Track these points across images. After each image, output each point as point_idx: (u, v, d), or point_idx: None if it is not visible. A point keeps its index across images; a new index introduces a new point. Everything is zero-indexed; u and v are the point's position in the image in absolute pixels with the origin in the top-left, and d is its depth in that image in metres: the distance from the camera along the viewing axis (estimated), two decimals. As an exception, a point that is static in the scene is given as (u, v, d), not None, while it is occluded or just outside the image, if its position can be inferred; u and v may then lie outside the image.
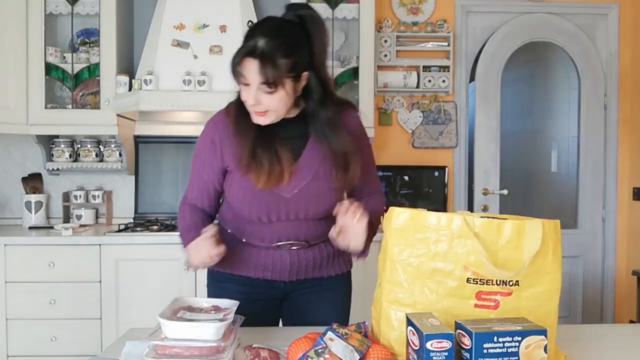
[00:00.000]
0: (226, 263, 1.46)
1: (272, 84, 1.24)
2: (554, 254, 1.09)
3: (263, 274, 1.45)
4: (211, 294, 1.52)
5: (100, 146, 3.19)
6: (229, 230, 1.49)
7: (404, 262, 1.10)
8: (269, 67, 1.23)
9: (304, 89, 1.34)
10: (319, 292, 1.50)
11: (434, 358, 0.93)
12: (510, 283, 1.06)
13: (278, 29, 1.27)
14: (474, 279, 1.06)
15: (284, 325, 1.56)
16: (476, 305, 1.07)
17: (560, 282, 1.10)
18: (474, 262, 1.06)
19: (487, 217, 1.08)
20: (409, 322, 1.00)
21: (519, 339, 0.95)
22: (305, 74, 1.30)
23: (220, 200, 1.53)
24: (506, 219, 1.08)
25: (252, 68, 1.24)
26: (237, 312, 1.20)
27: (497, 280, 1.06)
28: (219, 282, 1.50)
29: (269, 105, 1.28)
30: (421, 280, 1.09)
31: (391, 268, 1.12)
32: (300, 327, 1.35)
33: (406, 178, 3.28)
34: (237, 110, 1.37)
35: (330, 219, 1.43)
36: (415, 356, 0.97)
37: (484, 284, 1.06)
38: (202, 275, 2.80)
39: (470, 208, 3.44)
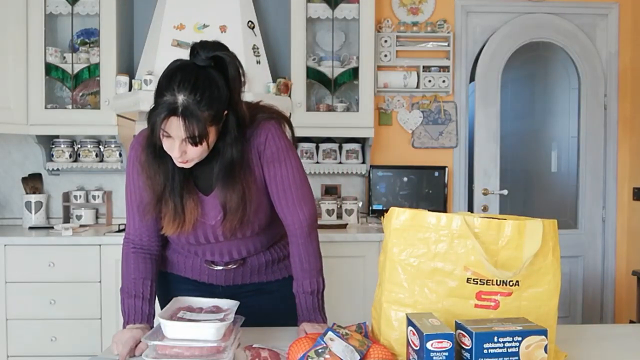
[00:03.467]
0: (168, 263, 1.50)
1: (197, 137, 1.19)
2: (554, 254, 1.09)
3: (200, 277, 1.48)
4: (158, 293, 1.50)
5: (100, 146, 3.19)
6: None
7: (404, 262, 1.10)
8: (193, 124, 1.17)
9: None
10: (260, 295, 1.50)
11: (434, 358, 0.92)
12: (511, 283, 1.06)
13: (196, 80, 1.19)
14: (474, 279, 1.06)
15: None
16: (476, 305, 1.07)
17: (560, 282, 1.10)
18: (474, 262, 1.06)
19: (487, 217, 1.08)
20: (409, 322, 1.00)
21: (519, 339, 0.95)
22: (225, 113, 1.26)
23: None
24: (506, 219, 1.08)
25: (175, 125, 1.18)
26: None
27: (497, 280, 1.06)
28: (164, 280, 1.51)
29: (194, 154, 1.24)
30: (421, 280, 1.09)
31: (391, 268, 1.12)
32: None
33: (406, 187, 3.29)
34: (147, 147, 1.30)
35: (266, 233, 1.45)
36: (415, 356, 0.97)
37: (484, 284, 1.06)
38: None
39: (470, 208, 3.44)
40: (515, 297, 1.07)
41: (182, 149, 1.22)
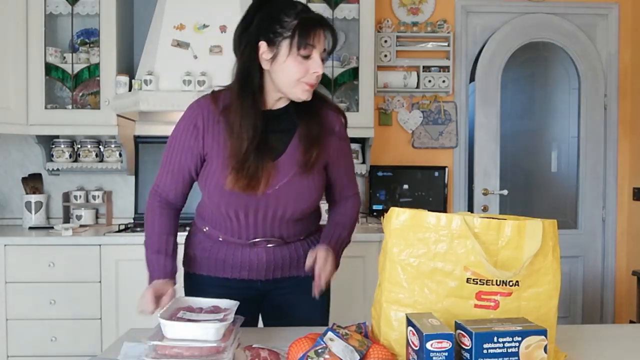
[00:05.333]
0: (202, 265, 1.47)
1: (331, 52, 1.37)
2: (554, 254, 1.09)
3: (240, 274, 1.45)
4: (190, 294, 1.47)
5: (100, 146, 3.19)
6: (205, 229, 1.47)
7: (404, 262, 1.10)
8: (335, 35, 1.35)
9: None
10: (297, 293, 1.48)
11: (434, 358, 0.92)
12: (511, 283, 1.06)
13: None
14: (473, 279, 1.06)
15: (263, 325, 1.57)
16: (476, 306, 1.07)
17: (560, 282, 1.10)
18: (474, 263, 1.06)
19: (487, 217, 1.08)
20: (409, 322, 1.00)
21: (519, 339, 0.95)
22: None
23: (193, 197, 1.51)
24: (506, 219, 1.08)
25: (321, 37, 1.32)
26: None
27: (497, 280, 1.06)
28: (195, 284, 1.49)
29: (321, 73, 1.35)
30: (421, 281, 1.09)
31: (391, 268, 1.12)
32: (300, 327, 1.35)
33: (406, 187, 3.28)
34: (243, 100, 1.33)
35: (307, 219, 1.47)
36: (415, 356, 0.97)
37: (483, 284, 1.06)
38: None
39: (470, 208, 3.44)
40: (515, 297, 1.07)
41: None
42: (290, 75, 1.31)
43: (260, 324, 1.58)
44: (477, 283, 1.06)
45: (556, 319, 1.11)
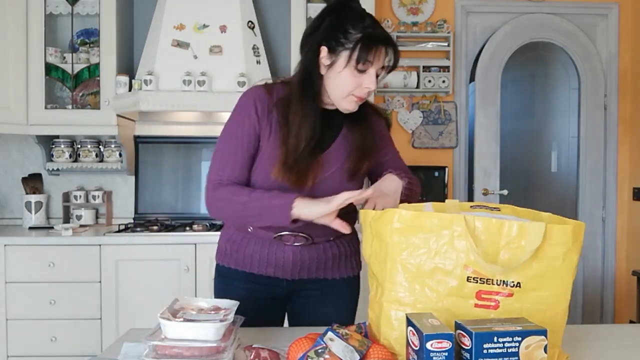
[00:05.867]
0: (231, 257, 1.49)
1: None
2: (565, 259, 1.07)
3: (266, 270, 1.46)
4: (217, 289, 1.52)
5: (100, 146, 3.19)
6: None
7: (404, 261, 1.10)
8: (397, 54, 1.35)
9: None
10: (324, 295, 1.49)
11: (434, 358, 0.92)
12: (512, 284, 1.06)
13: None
14: (474, 278, 1.06)
15: (289, 325, 1.57)
16: (476, 305, 1.07)
17: (570, 288, 1.09)
18: (474, 262, 1.06)
19: (480, 206, 1.09)
20: (409, 322, 1.00)
21: (519, 339, 0.95)
22: None
23: None
24: (499, 209, 1.09)
25: (381, 55, 1.32)
26: (241, 310, 1.20)
27: (497, 280, 1.06)
28: (225, 277, 1.51)
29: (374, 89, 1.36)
30: (421, 280, 1.09)
31: (391, 267, 1.12)
32: (300, 327, 1.35)
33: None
34: (305, 101, 1.34)
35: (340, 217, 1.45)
36: (415, 356, 0.97)
37: (484, 283, 1.06)
38: (202, 275, 2.79)
39: (470, 208, 3.43)
40: (517, 299, 1.07)
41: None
42: (342, 86, 1.33)
43: (286, 323, 1.59)
44: (477, 281, 1.06)
45: (564, 325, 1.11)
